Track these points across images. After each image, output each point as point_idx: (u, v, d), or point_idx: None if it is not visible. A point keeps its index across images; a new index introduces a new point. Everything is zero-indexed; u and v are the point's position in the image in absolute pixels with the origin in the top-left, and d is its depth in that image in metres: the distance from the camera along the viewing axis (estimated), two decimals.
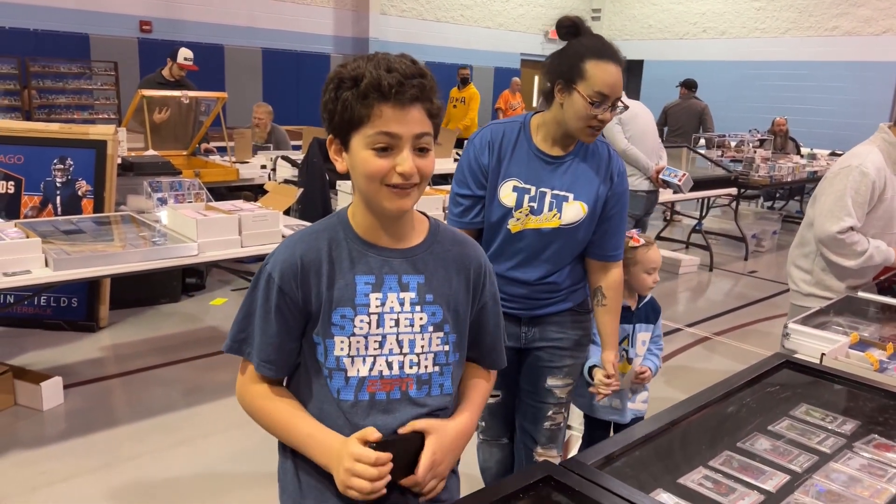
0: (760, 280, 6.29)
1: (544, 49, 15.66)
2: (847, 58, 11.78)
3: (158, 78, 5.97)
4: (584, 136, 1.82)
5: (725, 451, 1.39)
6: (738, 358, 4.27)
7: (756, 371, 1.70)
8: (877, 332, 2.21)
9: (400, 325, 1.16)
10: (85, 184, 4.17)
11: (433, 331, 1.19)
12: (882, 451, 1.42)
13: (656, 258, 2.25)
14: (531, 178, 1.86)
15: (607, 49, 1.76)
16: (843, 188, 2.49)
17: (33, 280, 2.69)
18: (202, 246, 3.07)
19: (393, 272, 1.17)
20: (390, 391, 1.17)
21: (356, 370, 1.15)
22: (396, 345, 1.16)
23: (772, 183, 6.84)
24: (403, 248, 1.19)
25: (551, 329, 2.00)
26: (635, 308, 2.29)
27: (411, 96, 1.07)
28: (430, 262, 1.20)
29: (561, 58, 1.81)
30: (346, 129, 1.10)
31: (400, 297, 1.17)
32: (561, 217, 1.86)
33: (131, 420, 3.18)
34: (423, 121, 1.09)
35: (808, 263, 2.70)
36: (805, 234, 2.71)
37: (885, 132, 2.57)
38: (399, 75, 1.06)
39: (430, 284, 1.19)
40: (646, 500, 1.14)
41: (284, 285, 1.15)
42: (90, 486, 2.69)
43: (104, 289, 4.19)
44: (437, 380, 1.20)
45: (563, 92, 1.79)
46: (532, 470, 1.21)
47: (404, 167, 1.08)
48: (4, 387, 3.19)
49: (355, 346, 1.15)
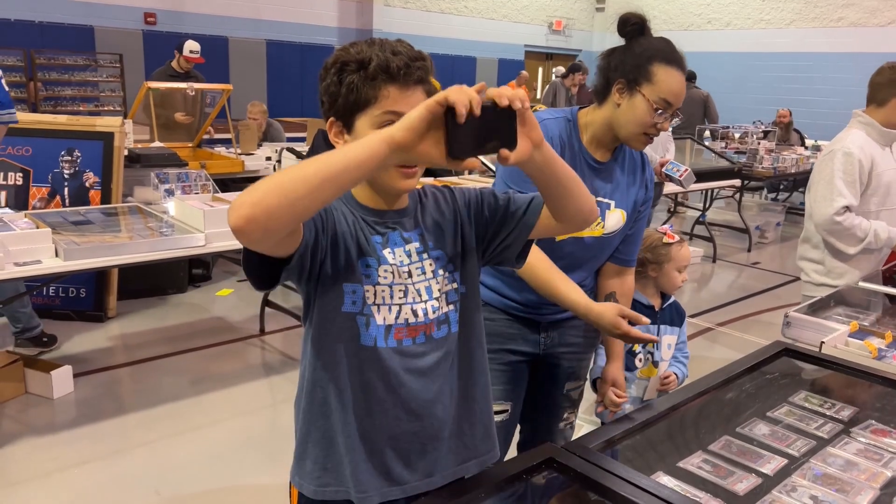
0: (763, 271, 6.30)
1: (548, 41, 15.62)
2: (852, 49, 11.73)
3: (169, 70, 6.04)
4: (636, 142, 1.72)
5: (725, 435, 1.42)
6: (740, 348, 4.30)
7: (756, 358, 1.73)
8: (877, 321, 2.24)
9: (413, 275, 1.21)
10: (92, 175, 4.20)
11: (442, 273, 1.24)
12: (879, 436, 1.45)
13: (688, 256, 2.17)
14: None
15: (677, 55, 1.66)
16: (831, 172, 2.55)
17: (44, 270, 2.72)
18: (209, 237, 3.10)
19: (394, 229, 1.22)
20: (416, 336, 1.21)
21: (382, 318, 1.18)
22: (416, 294, 1.20)
23: (775, 174, 6.84)
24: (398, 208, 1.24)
25: (571, 333, 1.93)
26: (659, 309, 2.17)
27: (416, 78, 1.11)
28: (418, 214, 1.25)
29: (625, 56, 1.68)
30: (350, 111, 1.13)
31: (406, 248, 1.21)
32: (604, 225, 1.79)
33: (140, 408, 3.23)
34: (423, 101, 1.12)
35: (819, 254, 2.71)
36: (810, 227, 2.73)
37: (859, 116, 2.64)
38: (405, 57, 1.10)
39: (426, 231, 1.24)
40: (647, 481, 1.17)
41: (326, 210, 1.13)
42: (102, 471, 2.73)
43: (112, 279, 4.23)
44: (452, 317, 1.25)
45: (623, 92, 1.67)
46: (535, 452, 1.25)
47: None
48: (15, 375, 3.24)
49: (381, 295, 1.18)
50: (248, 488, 2.68)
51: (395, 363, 1.19)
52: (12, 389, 3.23)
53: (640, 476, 1.18)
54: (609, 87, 1.69)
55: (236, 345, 4.04)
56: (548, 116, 1.76)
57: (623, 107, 1.67)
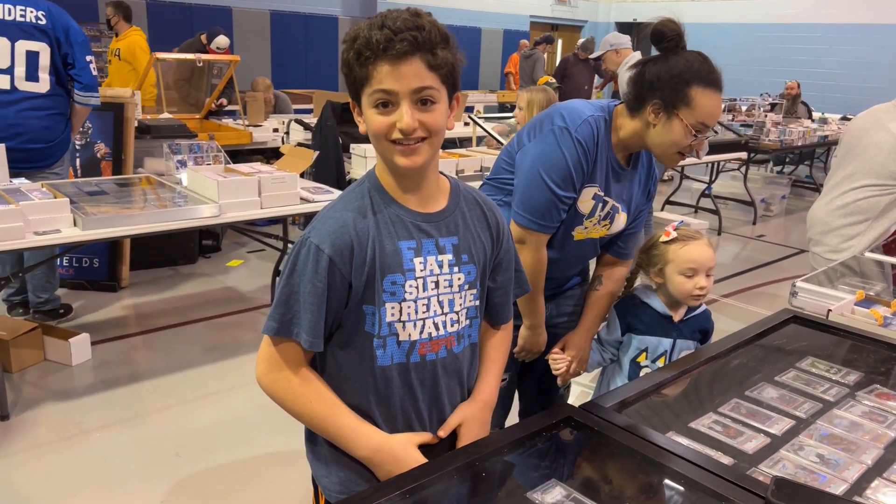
0: (768, 244, 6.34)
1: (553, 11, 15.46)
2: (861, 20, 11.61)
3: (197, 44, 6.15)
4: (669, 161, 1.68)
5: (734, 398, 1.47)
6: (745, 319, 4.33)
7: (764, 325, 1.78)
8: (883, 290, 2.28)
9: (440, 286, 1.20)
10: (104, 146, 4.23)
11: (468, 289, 1.24)
12: (883, 399, 1.49)
13: (695, 257, 1.75)
14: (606, 187, 1.75)
15: (715, 75, 1.60)
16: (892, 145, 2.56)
17: (63, 239, 2.77)
18: (223, 207, 3.14)
19: (429, 236, 1.20)
20: (438, 351, 1.22)
21: (408, 334, 1.19)
22: (439, 306, 1.20)
23: (782, 147, 6.84)
24: (433, 211, 1.21)
25: (566, 303, 2.00)
26: (679, 320, 1.83)
27: (401, 51, 1.05)
28: (459, 222, 1.24)
29: (662, 74, 1.60)
30: (355, 90, 1.12)
31: (438, 259, 1.20)
32: (610, 227, 1.83)
33: (157, 375, 3.30)
34: (422, 74, 1.07)
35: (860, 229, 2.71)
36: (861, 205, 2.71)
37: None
38: (389, 31, 1.05)
39: (463, 245, 1.23)
40: (663, 439, 1.22)
41: (336, 257, 1.13)
42: (123, 434, 2.82)
43: (125, 250, 4.28)
44: (467, 332, 1.27)
45: (659, 113, 1.61)
46: (553, 411, 1.30)
47: (402, 122, 1.07)
48: (34, 342, 3.31)
49: (406, 312, 1.17)
50: (264, 450, 2.76)
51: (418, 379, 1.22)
52: (32, 357, 3.30)
53: (657, 434, 1.23)
54: (643, 103, 1.63)
55: (248, 314, 4.10)
56: (590, 113, 1.69)
57: (658, 128, 1.62)
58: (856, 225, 2.74)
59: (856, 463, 1.26)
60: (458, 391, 1.30)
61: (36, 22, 3.24)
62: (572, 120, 1.67)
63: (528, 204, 1.72)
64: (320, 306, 1.14)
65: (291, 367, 1.19)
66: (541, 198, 1.69)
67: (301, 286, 1.15)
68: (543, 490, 1.12)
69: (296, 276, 1.15)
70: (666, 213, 6.73)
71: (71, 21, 3.39)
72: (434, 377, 1.23)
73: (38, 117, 3.33)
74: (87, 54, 3.42)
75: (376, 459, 1.20)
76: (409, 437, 1.22)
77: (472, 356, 1.31)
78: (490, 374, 1.38)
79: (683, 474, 1.11)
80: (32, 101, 3.31)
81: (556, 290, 1.95)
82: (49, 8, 3.31)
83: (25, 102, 3.29)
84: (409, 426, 1.24)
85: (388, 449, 1.20)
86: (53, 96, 3.38)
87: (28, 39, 3.24)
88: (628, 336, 1.86)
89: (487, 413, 1.35)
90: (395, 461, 1.19)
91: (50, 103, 3.37)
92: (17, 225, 2.61)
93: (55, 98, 3.39)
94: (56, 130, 3.42)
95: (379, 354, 1.18)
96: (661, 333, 1.81)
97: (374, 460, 1.21)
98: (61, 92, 3.43)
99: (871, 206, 2.70)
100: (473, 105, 8.97)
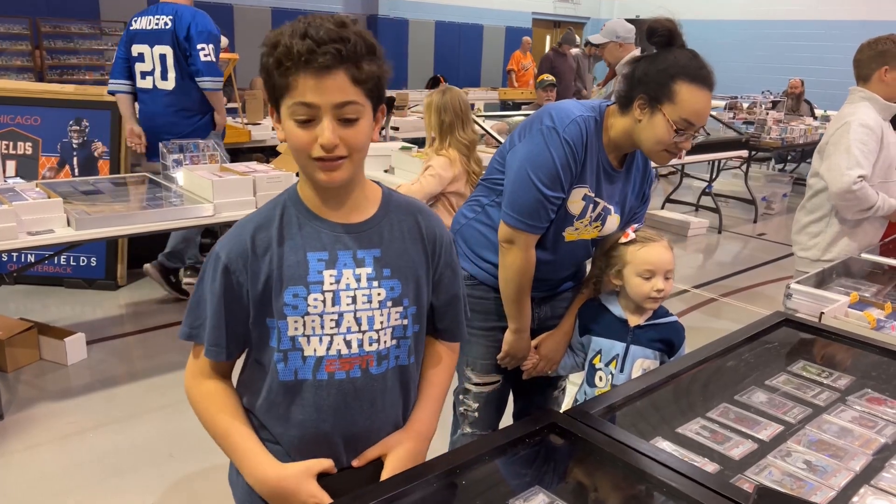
0: (769, 243, 6.31)
1: (556, 8, 15.41)
2: (865, 17, 11.55)
3: None
4: (657, 158, 1.67)
5: (723, 403, 1.46)
6: (744, 319, 4.29)
7: (756, 328, 1.77)
8: (878, 292, 2.26)
9: (357, 301, 1.13)
10: (101, 145, 4.23)
11: (392, 306, 1.15)
12: (874, 404, 1.48)
13: (653, 259, 1.72)
14: (597, 188, 1.74)
15: (703, 71, 1.57)
16: (848, 142, 2.58)
17: (57, 239, 2.77)
18: (218, 206, 3.13)
19: (346, 248, 1.13)
20: (350, 370, 1.14)
21: (313, 349, 1.12)
22: (354, 322, 1.13)
23: (783, 145, 6.81)
24: (356, 221, 1.15)
25: (560, 306, 1.97)
26: (636, 325, 1.78)
27: (324, 64, 0.99)
28: (385, 233, 1.16)
29: (649, 69, 1.60)
30: (274, 97, 1.06)
31: (356, 273, 1.13)
32: (602, 229, 1.81)
33: (153, 374, 3.30)
34: (346, 88, 1.02)
35: (821, 227, 2.76)
36: (815, 202, 2.78)
37: (860, 91, 2.68)
38: (312, 42, 0.99)
39: (386, 258, 1.15)
40: (646, 446, 1.21)
41: (231, 265, 1.11)
42: (117, 434, 2.82)
43: (123, 248, 4.28)
44: (394, 352, 1.18)
45: (644, 109, 1.60)
46: (537, 417, 1.29)
47: (323, 138, 1.02)
48: (30, 342, 3.31)
49: (310, 326, 1.11)
50: None
51: (324, 398, 1.14)
52: (27, 356, 3.30)
53: (640, 441, 1.22)
54: (632, 100, 1.62)
55: None
56: (579, 113, 1.68)
57: (643, 123, 1.61)
58: (817, 222, 2.79)
59: (843, 470, 1.24)
60: (381, 416, 1.19)
61: (164, 27, 3.76)
62: (560, 120, 1.66)
63: (517, 204, 1.70)
64: (219, 314, 1.13)
65: (205, 376, 1.19)
66: (529, 198, 1.68)
67: (206, 293, 1.15)
68: (526, 497, 1.11)
69: (203, 282, 1.16)
70: (667, 212, 6.71)
71: (198, 18, 3.80)
72: (344, 398, 1.14)
73: (167, 114, 3.85)
74: (202, 43, 3.76)
75: (261, 491, 1.14)
76: (306, 468, 1.14)
77: (402, 380, 1.21)
78: (427, 402, 1.28)
79: (666, 482, 1.10)
80: (164, 98, 3.84)
81: (551, 291, 1.94)
82: (177, 11, 3.77)
83: (161, 100, 3.84)
84: (316, 449, 1.16)
85: (275, 483, 1.12)
86: (177, 93, 3.82)
87: (159, 44, 3.77)
88: (587, 338, 1.87)
89: (421, 444, 1.24)
90: (283, 497, 1.13)
91: (174, 100, 3.84)
92: (9, 225, 2.60)
93: (179, 95, 3.83)
94: (180, 125, 3.86)
95: (280, 369, 1.13)
96: (615, 337, 1.79)
97: (260, 491, 1.15)
98: (187, 88, 3.83)
99: (822, 202, 2.75)
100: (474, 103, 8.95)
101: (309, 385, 1.14)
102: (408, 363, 1.21)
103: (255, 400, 1.18)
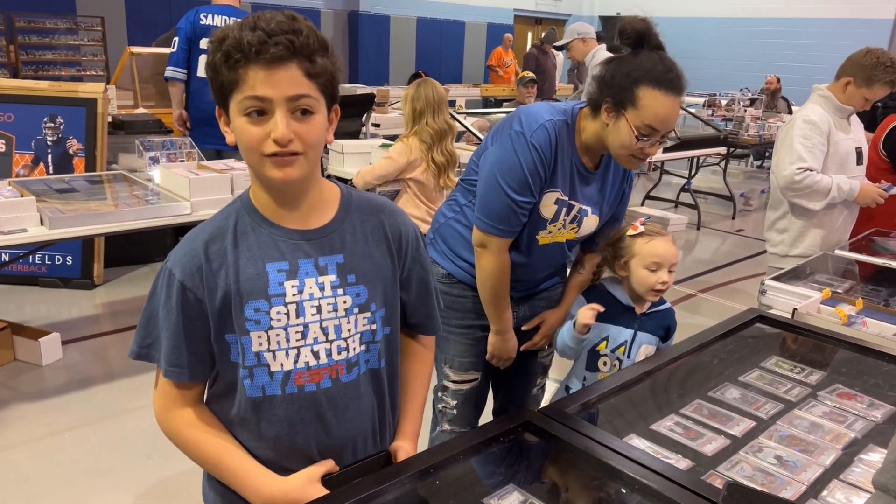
0: (747, 238, 6.38)
1: (538, 5, 15.45)
2: (841, 14, 11.70)
3: None
4: (625, 163, 1.68)
5: (697, 399, 1.47)
6: (721, 315, 4.33)
7: (730, 325, 1.79)
8: (850, 288, 2.30)
9: (322, 311, 1.08)
10: (76, 142, 4.17)
11: (359, 312, 1.12)
12: (844, 399, 1.51)
13: (661, 252, 1.77)
14: (570, 191, 1.73)
15: (669, 75, 1.53)
16: (791, 138, 2.69)
17: (30, 238, 2.72)
18: (195, 205, 3.10)
19: (307, 256, 1.08)
20: (320, 381, 1.10)
21: (280, 364, 1.08)
22: (321, 332, 1.09)
23: (760, 142, 6.89)
24: (315, 227, 1.10)
25: (540, 305, 1.97)
26: (641, 313, 1.85)
27: (276, 55, 0.96)
28: (346, 237, 1.12)
29: (616, 72, 1.57)
30: (222, 96, 1.02)
31: (319, 281, 1.08)
32: (578, 231, 1.81)
33: (129, 374, 3.26)
34: (299, 81, 0.98)
35: (785, 223, 2.82)
36: (776, 197, 2.86)
37: (819, 89, 2.76)
38: (263, 33, 0.95)
39: (350, 263, 1.11)
40: (619, 444, 1.22)
41: (187, 281, 1.05)
42: (93, 435, 2.78)
43: (99, 247, 4.23)
44: (363, 357, 1.14)
45: (609, 113, 1.58)
46: (512, 416, 1.29)
47: (277, 132, 0.98)
48: (3, 342, 3.26)
49: (275, 340, 1.07)
50: None
51: (295, 412, 1.10)
52: (1, 357, 3.25)
53: (613, 439, 1.23)
54: (600, 103, 1.61)
55: None
56: (548, 118, 1.67)
57: (610, 128, 1.60)
58: (781, 219, 2.87)
59: (813, 465, 1.26)
60: (356, 423, 1.16)
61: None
62: (529, 125, 1.65)
63: (487, 209, 1.70)
64: (177, 334, 1.07)
65: (178, 405, 1.12)
66: (499, 203, 1.68)
67: (159, 310, 1.09)
68: (500, 495, 1.12)
69: (154, 299, 1.10)
70: (646, 208, 6.76)
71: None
72: (317, 410, 1.11)
73: None
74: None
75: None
76: (308, 475, 1.10)
77: (374, 383, 1.18)
78: (411, 400, 1.28)
79: (638, 479, 1.11)
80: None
81: (529, 291, 1.94)
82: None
83: None
84: (292, 463, 1.13)
85: (283, 498, 1.08)
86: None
87: None
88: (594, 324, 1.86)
89: (416, 442, 1.26)
90: None
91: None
92: None
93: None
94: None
95: (247, 385, 1.09)
96: (623, 324, 1.81)
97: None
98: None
99: (781, 197, 2.83)
100: (455, 99, 8.94)
101: (279, 400, 1.10)
102: (379, 367, 1.17)
103: (227, 415, 1.14)
